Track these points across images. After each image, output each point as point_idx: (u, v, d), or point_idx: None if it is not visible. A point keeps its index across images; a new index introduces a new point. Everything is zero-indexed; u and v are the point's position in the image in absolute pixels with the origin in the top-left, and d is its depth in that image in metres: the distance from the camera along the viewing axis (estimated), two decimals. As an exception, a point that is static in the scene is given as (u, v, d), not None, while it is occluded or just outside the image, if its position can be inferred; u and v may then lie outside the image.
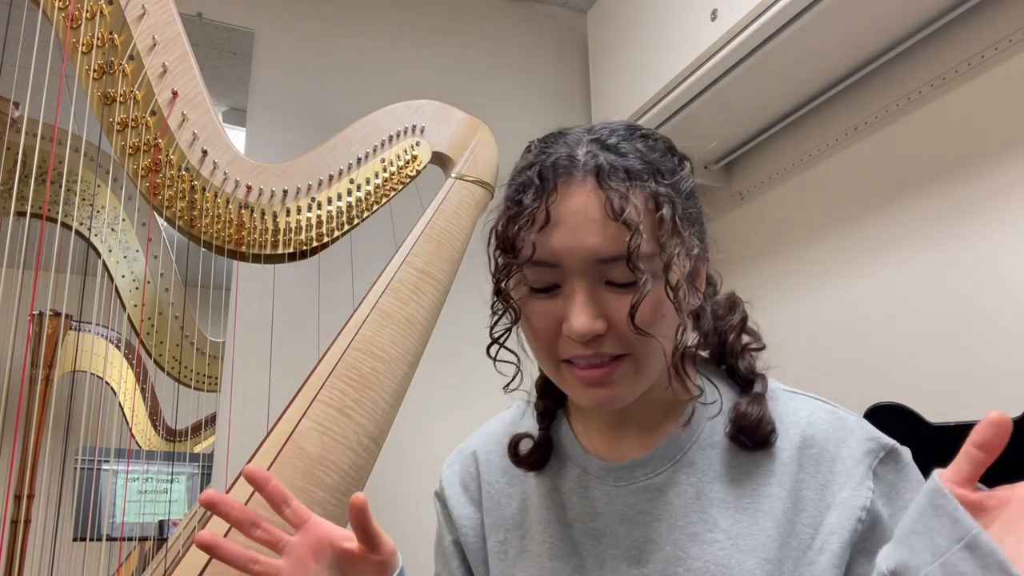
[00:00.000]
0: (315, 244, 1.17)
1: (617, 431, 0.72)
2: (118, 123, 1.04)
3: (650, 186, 0.64)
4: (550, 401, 0.77)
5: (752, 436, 0.67)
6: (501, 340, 0.69)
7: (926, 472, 0.92)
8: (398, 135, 1.26)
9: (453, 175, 1.28)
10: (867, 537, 0.62)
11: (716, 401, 0.70)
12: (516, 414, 0.82)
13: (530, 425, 0.78)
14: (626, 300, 0.62)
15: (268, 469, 0.93)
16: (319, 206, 1.17)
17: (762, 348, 0.74)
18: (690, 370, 0.73)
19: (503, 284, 0.67)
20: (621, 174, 0.63)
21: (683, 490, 0.68)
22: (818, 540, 0.63)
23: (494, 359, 0.70)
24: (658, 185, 0.64)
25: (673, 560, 0.65)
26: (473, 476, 0.79)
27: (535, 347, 0.68)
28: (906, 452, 0.66)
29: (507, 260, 0.66)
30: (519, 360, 0.72)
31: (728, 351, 0.73)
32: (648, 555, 0.67)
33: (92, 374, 1.41)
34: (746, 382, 0.72)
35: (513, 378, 0.74)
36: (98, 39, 1.03)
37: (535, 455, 0.74)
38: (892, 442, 0.66)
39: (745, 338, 0.74)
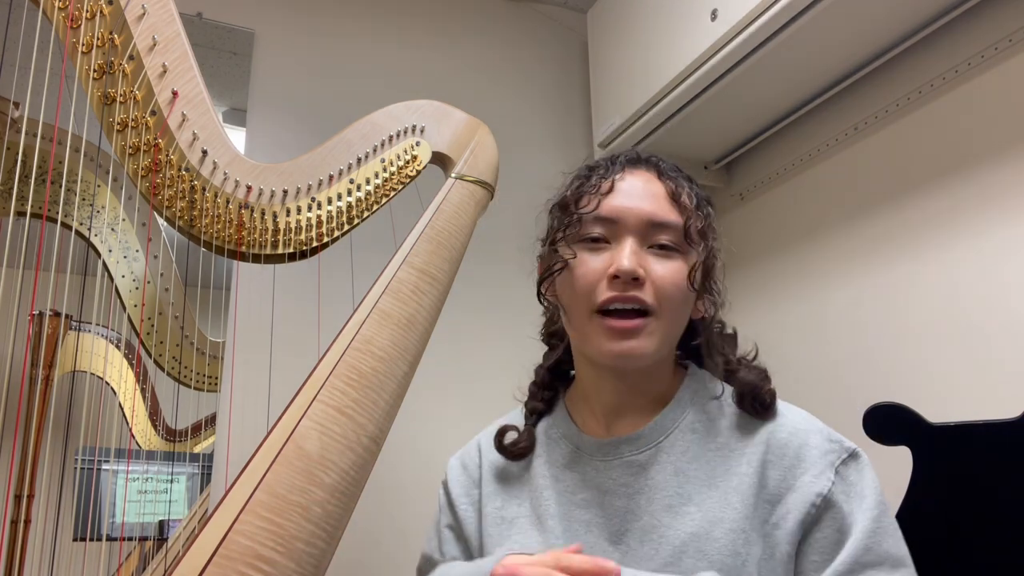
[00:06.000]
0: (315, 244, 1.17)
1: (612, 417, 0.81)
2: (118, 123, 1.04)
3: (696, 191, 0.81)
4: (540, 402, 0.88)
5: (756, 397, 0.77)
6: (547, 284, 0.82)
7: (928, 470, 0.93)
8: (398, 135, 1.26)
9: (453, 175, 1.28)
10: (818, 520, 0.71)
11: (703, 391, 0.81)
12: (516, 415, 0.91)
13: (522, 423, 0.88)
14: (664, 265, 0.76)
15: (268, 469, 0.93)
16: (319, 206, 1.17)
17: (756, 356, 0.84)
18: (676, 369, 0.84)
19: (558, 236, 0.80)
20: (677, 175, 0.81)
21: (663, 468, 0.76)
22: (775, 515, 0.72)
23: (541, 300, 0.85)
24: (702, 194, 0.82)
25: (650, 528, 0.74)
26: (475, 460, 0.88)
27: (574, 295, 0.78)
28: (865, 456, 0.75)
29: (569, 215, 0.79)
30: (554, 308, 0.86)
31: (716, 350, 0.83)
32: (628, 524, 0.75)
33: (92, 374, 1.41)
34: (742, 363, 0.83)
35: (551, 317, 0.89)
36: (98, 39, 1.03)
37: (517, 445, 0.84)
38: (854, 445, 0.75)
39: (728, 333, 0.85)
